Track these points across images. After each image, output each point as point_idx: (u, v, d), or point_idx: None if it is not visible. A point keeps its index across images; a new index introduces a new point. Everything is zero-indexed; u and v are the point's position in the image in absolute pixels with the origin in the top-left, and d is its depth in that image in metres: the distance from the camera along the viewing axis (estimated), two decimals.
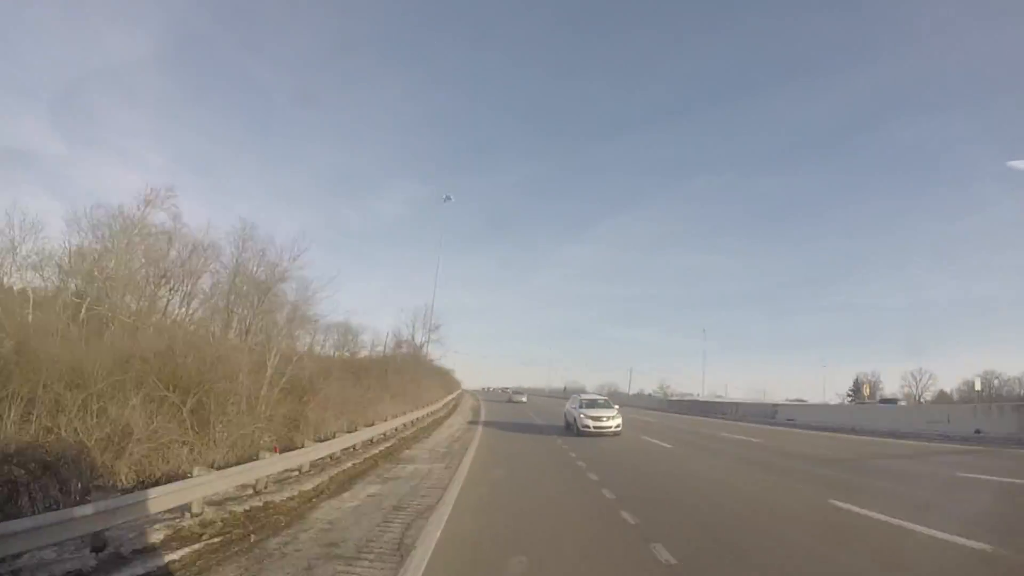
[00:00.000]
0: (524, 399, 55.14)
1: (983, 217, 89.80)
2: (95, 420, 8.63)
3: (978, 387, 47.30)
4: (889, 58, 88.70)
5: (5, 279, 14.76)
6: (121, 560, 5.19)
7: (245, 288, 19.87)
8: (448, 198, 43.23)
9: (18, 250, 15.00)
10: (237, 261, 20.20)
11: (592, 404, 21.48)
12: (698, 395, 61.83)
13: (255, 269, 20.49)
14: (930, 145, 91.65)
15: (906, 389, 60.87)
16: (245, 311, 19.77)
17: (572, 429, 20.40)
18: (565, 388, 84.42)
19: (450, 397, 43.80)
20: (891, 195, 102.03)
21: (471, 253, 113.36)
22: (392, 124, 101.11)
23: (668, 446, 16.63)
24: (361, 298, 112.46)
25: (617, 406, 21.54)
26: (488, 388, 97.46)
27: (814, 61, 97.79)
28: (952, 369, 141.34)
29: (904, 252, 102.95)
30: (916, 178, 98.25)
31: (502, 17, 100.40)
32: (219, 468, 8.01)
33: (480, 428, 22.40)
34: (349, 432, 13.91)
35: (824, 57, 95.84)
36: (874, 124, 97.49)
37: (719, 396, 68.74)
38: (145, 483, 8.13)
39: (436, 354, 50.72)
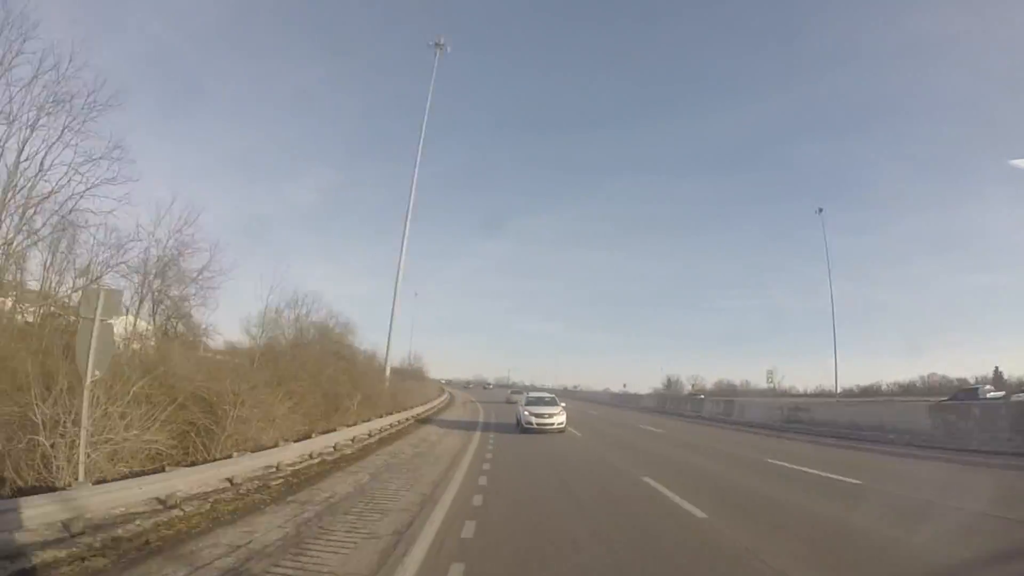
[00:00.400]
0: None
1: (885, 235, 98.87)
2: None
3: None
4: (800, 85, 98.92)
5: None
6: None
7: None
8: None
9: None
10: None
11: (538, 401, 22.03)
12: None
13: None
14: (835, 163, 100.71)
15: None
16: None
17: (519, 426, 20.81)
18: (490, 384, 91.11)
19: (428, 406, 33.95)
20: (797, 206, 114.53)
21: (383, 243, 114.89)
22: (303, 107, 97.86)
23: (579, 433, 20.51)
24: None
25: (563, 404, 21.91)
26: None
27: (734, 82, 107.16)
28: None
29: (810, 259, 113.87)
30: (818, 195, 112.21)
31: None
32: None
33: None
34: None
35: (744, 80, 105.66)
36: (783, 141, 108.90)
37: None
38: None
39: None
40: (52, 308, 13.79)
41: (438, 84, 31.53)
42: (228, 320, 65.83)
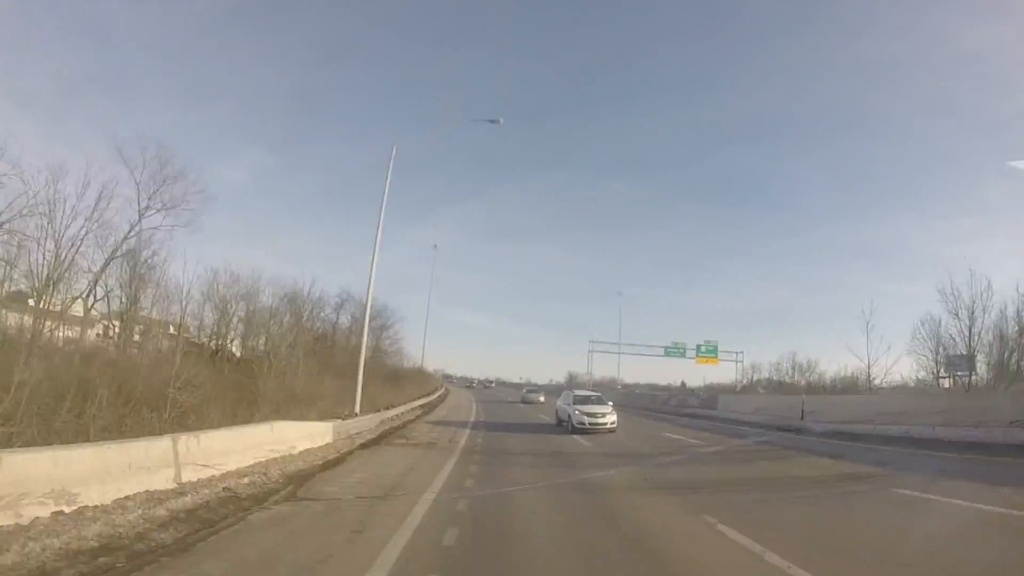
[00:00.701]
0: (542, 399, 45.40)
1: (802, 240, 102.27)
2: None
3: None
4: (730, 93, 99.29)
5: None
6: None
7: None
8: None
9: None
10: None
11: (586, 400, 21.54)
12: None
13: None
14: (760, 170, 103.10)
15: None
16: None
17: (565, 426, 20.58)
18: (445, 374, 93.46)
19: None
20: (722, 209, 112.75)
21: (315, 228, 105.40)
22: (236, 87, 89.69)
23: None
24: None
25: (611, 403, 21.89)
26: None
27: (666, 86, 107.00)
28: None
29: (736, 262, 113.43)
30: (743, 199, 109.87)
31: None
32: None
33: None
34: None
35: (676, 85, 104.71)
36: (715, 146, 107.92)
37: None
38: None
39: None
40: None
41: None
42: None
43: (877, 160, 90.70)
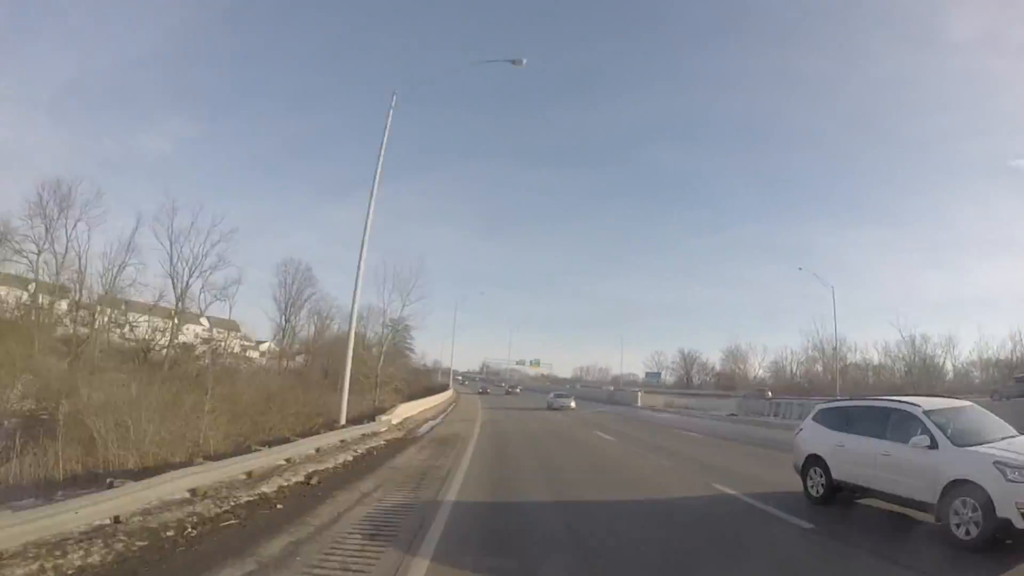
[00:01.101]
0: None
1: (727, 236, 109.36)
2: None
3: None
4: (662, 95, 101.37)
5: None
6: None
7: None
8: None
9: None
10: None
11: (560, 395, 37.39)
12: None
13: None
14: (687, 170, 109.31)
15: None
16: None
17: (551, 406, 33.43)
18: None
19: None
20: (651, 202, 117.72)
21: (223, 202, 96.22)
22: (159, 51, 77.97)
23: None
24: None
25: (573, 396, 38.74)
26: None
27: (600, 84, 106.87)
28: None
29: (657, 253, 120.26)
30: (670, 194, 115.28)
31: None
32: None
33: None
34: None
35: (611, 81, 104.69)
36: (640, 144, 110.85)
37: None
38: None
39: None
40: None
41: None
42: None
43: (795, 168, 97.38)
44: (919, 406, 6.04)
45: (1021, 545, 4.63)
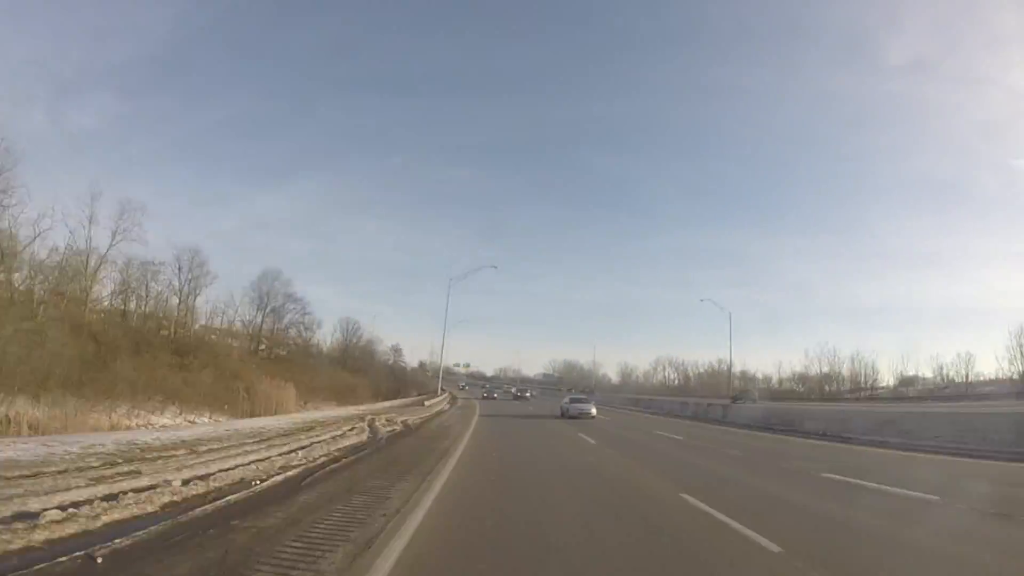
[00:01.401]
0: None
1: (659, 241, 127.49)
2: None
3: None
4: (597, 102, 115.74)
5: None
6: None
7: None
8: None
9: None
10: None
11: (577, 400, 29.70)
12: None
13: None
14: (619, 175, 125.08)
15: None
16: None
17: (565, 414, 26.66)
18: None
19: None
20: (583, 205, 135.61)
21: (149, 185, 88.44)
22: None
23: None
24: None
25: (594, 402, 30.84)
26: None
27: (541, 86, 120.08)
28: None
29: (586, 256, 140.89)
30: (601, 198, 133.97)
31: None
32: None
33: None
34: None
35: (540, 82, 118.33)
36: (568, 146, 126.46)
37: None
38: None
39: None
40: None
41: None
42: None
43: (729, 178, 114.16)
44: (571, 391, 50.01)
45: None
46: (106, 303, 34.32)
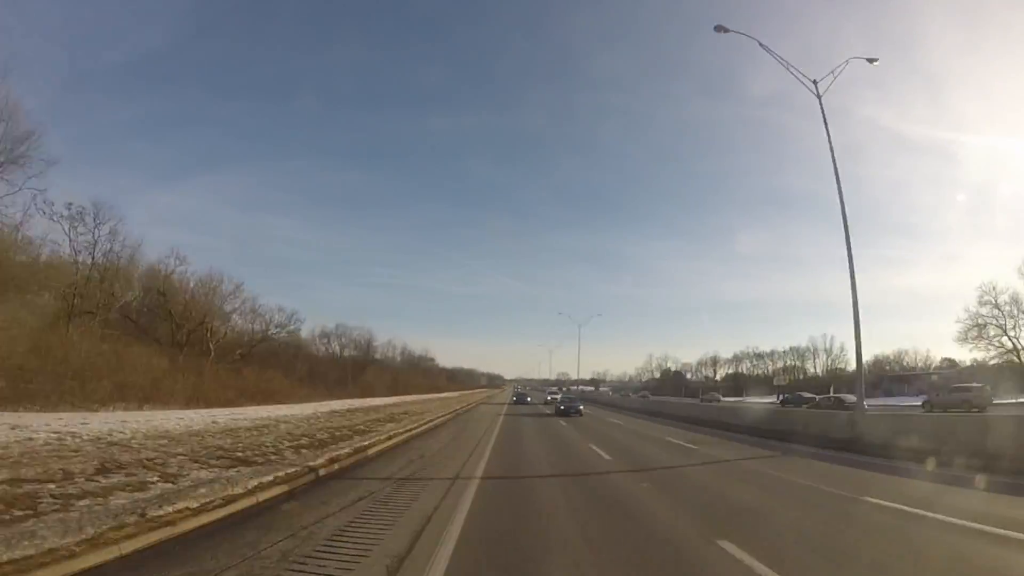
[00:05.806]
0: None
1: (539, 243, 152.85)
2: None
3: None
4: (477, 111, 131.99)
5: None
6: None
7: None
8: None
9: None
10: None
11: (569, 398, 37.75)
12: None
13: None
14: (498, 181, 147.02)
15: None
16: None
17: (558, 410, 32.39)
18: None
19: None
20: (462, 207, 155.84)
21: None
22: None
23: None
24: None
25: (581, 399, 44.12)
26: None
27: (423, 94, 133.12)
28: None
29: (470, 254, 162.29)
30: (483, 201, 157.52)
31: None
32: None
33: None
34: None
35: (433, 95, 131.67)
36: (453, 154, 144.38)
37: None
38: None
39: None
40: None
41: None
42: None
43: (605, 187, 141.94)
44: (553, 389, 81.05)
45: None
46: None
